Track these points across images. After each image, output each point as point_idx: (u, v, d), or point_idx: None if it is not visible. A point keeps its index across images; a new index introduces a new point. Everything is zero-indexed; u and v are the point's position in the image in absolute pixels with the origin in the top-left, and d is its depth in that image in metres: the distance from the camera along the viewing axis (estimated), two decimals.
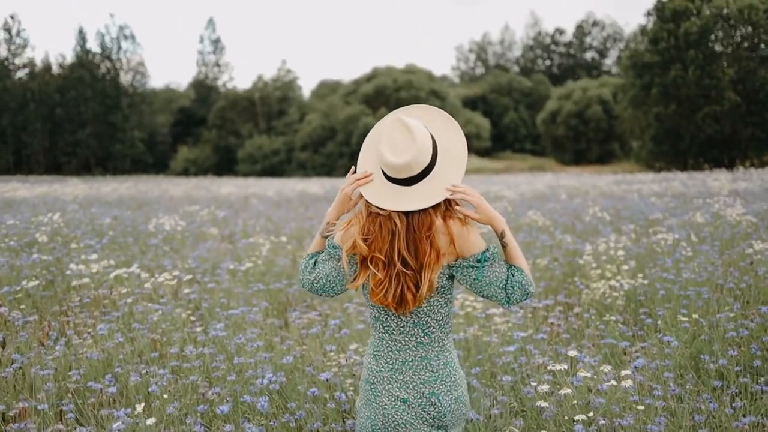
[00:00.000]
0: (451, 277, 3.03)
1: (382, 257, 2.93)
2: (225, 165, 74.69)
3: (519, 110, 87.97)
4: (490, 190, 25.57)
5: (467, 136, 28.01)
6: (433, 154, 2.94)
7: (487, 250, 2.97)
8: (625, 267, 8.18)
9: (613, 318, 6.84)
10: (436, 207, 2.92)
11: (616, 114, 68.33)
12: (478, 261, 2.94)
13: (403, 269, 2.91)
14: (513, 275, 2.97)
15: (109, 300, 7.69)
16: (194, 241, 12.44)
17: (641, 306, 7.55)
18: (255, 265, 9.06)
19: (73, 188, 28.53)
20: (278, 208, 19.09)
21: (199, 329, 6.38)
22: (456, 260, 2.95)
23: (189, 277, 7.71)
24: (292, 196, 23.71)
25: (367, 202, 2.99)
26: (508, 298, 2.97)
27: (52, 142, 77.92)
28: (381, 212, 2.95)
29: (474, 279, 2.96)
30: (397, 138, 2.90)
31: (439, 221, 2.92)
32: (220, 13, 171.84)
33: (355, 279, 3.04)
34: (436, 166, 2.95)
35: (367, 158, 3.07)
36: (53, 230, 11.62)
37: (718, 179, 27.89)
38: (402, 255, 2.91)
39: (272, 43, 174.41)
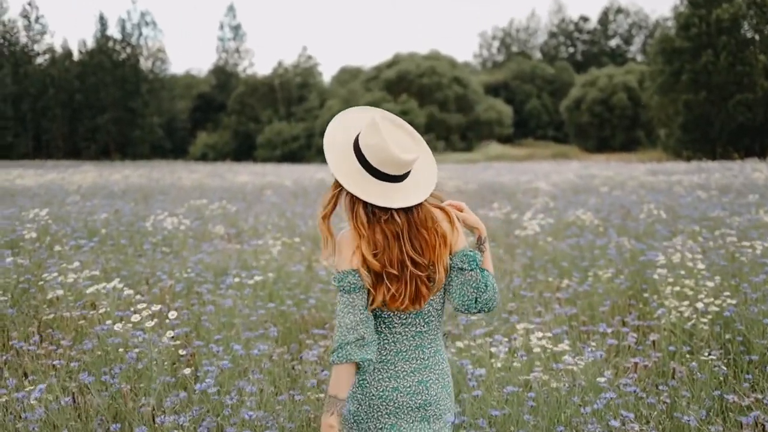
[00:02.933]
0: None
1: (395, 270, 2.90)
2: (244, 150, 73.91)
3: (542, 97, 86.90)
4: (519, 180, 24.12)
5: (489, 122, 26.98)
6: None
7: (473, 252, 3.01)
8: (710, 284, 6.73)
9: (705, 354, 5.45)
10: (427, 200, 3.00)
11: (643, 101, 67.05)
12: (473, 261, 2.98)
13: (415, 271, 2.90)
14: (487, 278, 3.01)
15: (85, 321, 6.35)
16: (198, 241, 11.03)
17: (735, 332, 6.14)
18: (264, 276, 7.65)
19: (82, 176, 27.12)
20: (294, 200, 17.62)
21: (188, 371, 5.02)
22: (451, 255, 3.00)
23: (179, 303, 6.31)
24: (310, 187, 22.22)
25: (365, 209, 2.92)
26: (476, 299, 2.99)
27: (71, 128, 77.92)
28: (383, 215, 2.91)
29: (463, 280, 2.99)
30: (400, 136, 2.93)
31: (437, 212, 3.00)
32: None
33: (373, 300, 2.92)
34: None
35: (341, 163, 2.96)
36: (41, 227, 10.26)
37: (758, 169, 26.29)
38: (411, 257, 2.91)
39: (293, 29, 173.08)
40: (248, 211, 15.01)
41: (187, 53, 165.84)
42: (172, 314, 5.20)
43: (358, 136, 2.98)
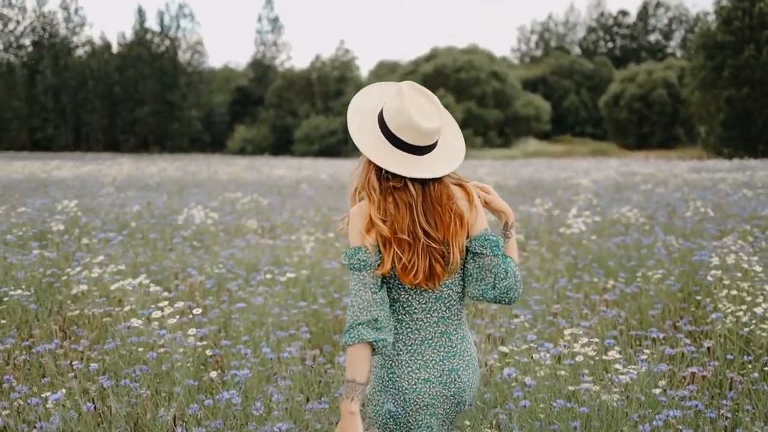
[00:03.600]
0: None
1: (406, 236, 2.80)
2: (282, 145, 73.93)
3: (580, 93, 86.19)
4: (559, 177, 23.65)
5: (527, 118, 26.64)
6: None
7: (495, 236, 2.90)
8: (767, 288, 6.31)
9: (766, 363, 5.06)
10: (447, 177, 2.91)
11: (683, 97, 66.14)
12: (495, 246, 2.87)
13: (428, 242, 2.81)
14: (508, 264, 2.91)
15: (110, 318, 6.08)
16: (230, 235, 10.74)
17: None
18: (297, 274, 7.33)
19: (118, 168, 27.04)
20: (330, 195, 17.31)
21: (214, 374, 4.73)
22: (470, 237, 2.90)
23: (209, 301, 6.01)
24: (347, 181, 21.92)
25: (379, 176, 2.85)
26: (494, 285, 2.88)
27: (110, 120, 78.78)
28: (396, 184, 2.82)
29: (481, 264, 2.89)
30: (423, 104, 2.84)
31: (456, 189, 2.90)
32: None
33: (381, 265, 2.80)
34: (440, 138, 2.92)
35: (365, 125, 2.92)
36: (70, 219, 10.04)
37: None
38: (423, 228, 2.82)
39: (331, 22, 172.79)
40: (283, 205, 14.73)
41: (225, 46, 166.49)
42: (197, 311, 4.89)
43: (384, 105, 2.93)
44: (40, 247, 8.66)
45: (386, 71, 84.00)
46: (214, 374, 4.82)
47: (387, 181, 2.84)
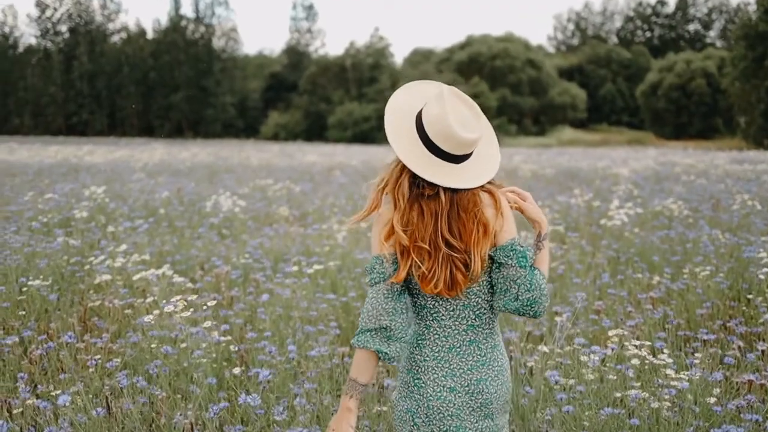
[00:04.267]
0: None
1: (426, 246, 2.74)
2: (315, 131, 73.90)
3: (617, 82, 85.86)
4: (597, 166, 23.18)
5: (562, 106, 26.08)
6: None
7: (523, 247, 2.79)
8: None
9: None
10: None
11: (722, 88, 65.30)
12: (521, 257, 2.77)
13: (449, 252, 2.74)
14: (534, 277, 2.79)
15: (132, 310, 5.83)
16: (259, 223, 10.46)
17: None
18: (326, 265, 7.04)
19: (150, 154, 26.91)
20: (363, 182, 16.94)
21: (237, 371, 4.45)
22: (496, 246, 2.80)
23: (235, 292, 5.72)
24: (380, 167, 21.53)
25: (411, 182, 2.76)
26: (517, 297, 2.78)
27: (145, 106, 79.53)
28: (429, 192, 2.74)
29: (506, 274, 2.78)
30: (464, 112, 2.75)
31: (484, 195, 2.81)
32: None
33: (397, 273, 2.75)
34: (478, 144, 2.83)
35: (400, 132, 2.80)
36: (96, 206, 9.82)
37: None
38: (445, 238, 2.75)
39: (365, 10, 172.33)
40: (315, 192, 14.42)
41: (259, 33, 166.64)
42: (211, 303, 4.62)
43: (423, 108, 2.83)
44: (65, 235, 8.43)
45: (421, 59, 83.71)
46: (237, 371, 4.55)
47: (419, 188, 2.78)
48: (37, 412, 4.11)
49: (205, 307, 5.08)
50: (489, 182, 2.86)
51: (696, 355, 4.76)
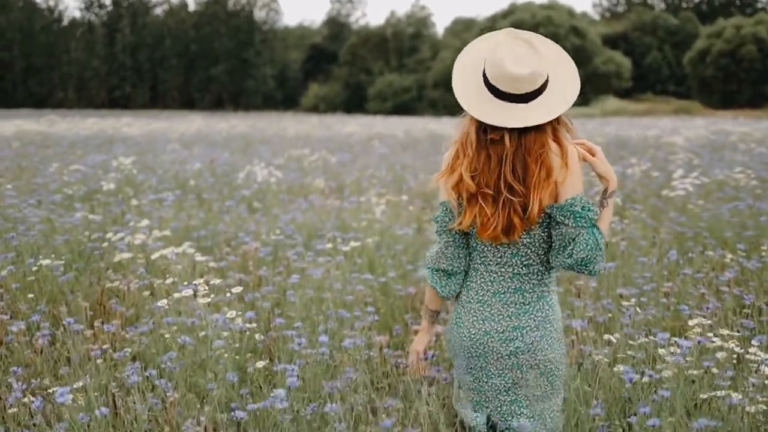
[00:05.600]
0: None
1: (491, 191, 2.78)
2: (355, 102, 73.39)
3: (663, 50, 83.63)
4: (647, 135, 22.29)
5: (606, 75, 25.26)
6: (547, 73, 2.79)
7: (583, 208, 2.77)
8: None
9: None
10: (548, 127, 2.79)
11: None
12: (580, 218, 2.76)
13: (510, 197, 2.77)
14: (593, 235, 2.78)
15: (151, 292, 5.28)
16: (293, 195, 9.85)
17: None
18: (362, 242, 6.41)
19: (187, 125, 26.42)
20: (404, 152, 16.30)
21: (261, 365, 3.88)
22: (554, 203, 2.79)
23: (263, 271, 5.12)
24: (421, 137, 20.87)
25: (479, 129, 2.80)
26: (571, 254, 2.78)
27: (186, 78, 79.81)
28: (494, 136, 2.76)
29: (564, 231, 2.79)
30: (518, 50, 2.74)
31: (553, 144, 2.78)
32: None
33: (462, 219, 2.85)
34: (549, 84, 2.80)
35: (466, 75, 2.85)
36: (124, 178, 9.28)
37: None
38: (508, 182, 2.77)
39: None
40: (353, 163, 13.76)
41: (300, 4, 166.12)
42: (236, 289, 4.03)
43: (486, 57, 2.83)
44: (87, 209, 7.91)
45: (462, 28, 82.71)
46: (261, 365, 3.98)
47: (485, 133, 2.80)
48: (29, 413, 3.58)
49: (228, 293, 4.49)
50: (558, 124, 2.85)
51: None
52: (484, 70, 2.80)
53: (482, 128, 2.80)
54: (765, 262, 6.19)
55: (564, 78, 2.87)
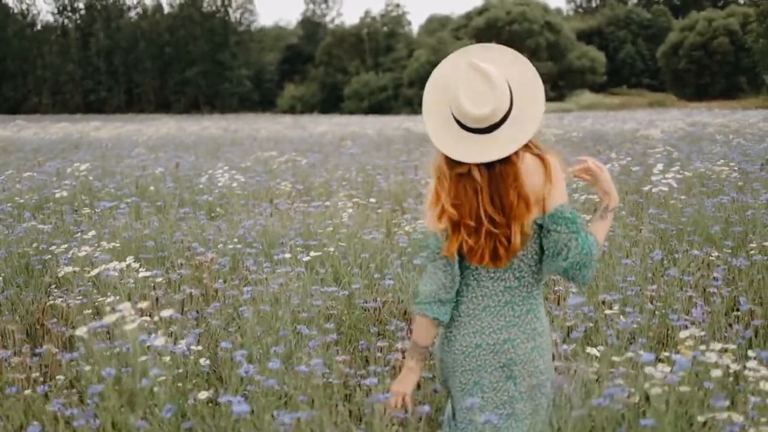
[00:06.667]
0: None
1: (472, 222, 2.81)
2: (332, 102, 73.21)
3: (637, 44, 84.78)
4: (624, 129, 21.99)
5: (581, 70, 24.99)
6: (510, 98, 2.80)
7: (572, 214, 2.83)
8: None
9: None
10: (517, 153, 2.79)
11: (746, 45, 64.05)
12: (570, 223, 2.80)
13: (492, 228, 2.79)
14: (587, 240, 2.83)
15: (95, 310, 4.84)
16: (259, 200, 9.36)
17: None
18: (323, 252, 5.95)
19: (157, 128, 25.83)
20: (377, 152, 15.82)
21: (204, 396, 3.45)
22: (543, 214, 2.84)
23: (219, 284, 4.68)
24: (395, 136, 20.43)
25: (447, 161, 2.84)
26: (566, 258, 2.81)
27: (162, 81, 79.70)
28: (461, 170, 2.80)
29: (557, 238, 2.82)
30: (476, 87, 2.74)
31: (530, 158, 2.81)
32: None
33: (448, 247, 2.85)
34: (513, 109, 2.81)
35: (435, 106, 2.88)
36: (80, 184, 8.80)
37: None
38: (488, 214, 2.79)
39: None
40: (323, 164, 13.26)
41: (276, 5, 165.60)
42: (165, 313, 3.60)
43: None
44: (36, 219, 7.42)
45: (437, 26, 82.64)
46: (204, 395, 3.55)
47: (452, 168, 2.83)
48: None
49: (172, 312, 4.05)
50: (532, 146, 2.84)
51: None
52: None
53: (450, 159, 2.83)
54: (753, 261, 5.82)
55: (528, 101, 2.84)
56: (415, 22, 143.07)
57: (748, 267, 5.81)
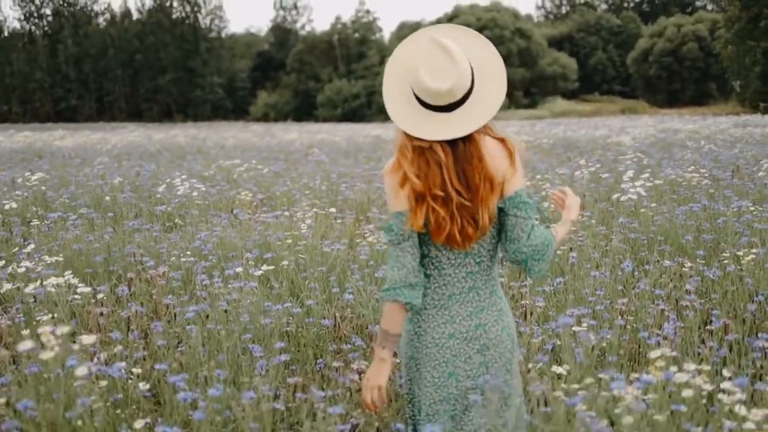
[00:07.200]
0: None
1: (440, 192, 2.74)
2: (305, 110, 73.06)
3: (608, 50, 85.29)
4: (595, 136, 21.90)
5: (553, 77, 25.06)
6: (472, 77, 2.76)
7: (530, 200, 2.84)
8: None
9: None
10: (481, 132, 2.79)
11: (715, 51, 64.94)
12: (530, 208, 2.82)
13: (462, 201, 2.75)
14: (544, 231, 2.87)
15: (33, 330, 4.53)
16: (218, 210, 9.05)
17: None
18: (285, 260, 5.66)
19: (123, 136, 25.37)
20: (345, 160, 15.52)
21: (141, 425, 3.17)
22: (502, 197, 2.82)
23: (169, 299, 4.37)
24: (364, 144, 20.15)
25: (408, 135, 2.77)
26: (528, 243, 2.81)
27: (133, 89, 78.74)
28: (422, 144, 2.74)
29: (515, 222, 2.82)
30: (437, 62, 2.70)
31: (490, 141, 2.81)
32: None
33: (414, 220, 2.76)
34: (475, 87, 2.77)
35: (395, 83, 2.83)
36: (31, 195, 8.45)
37: None
38: (455, 188, 2.74)
39: None
40: (288, 172, 12.92)
41: (246, 11, 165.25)
42: (88, 338, 3.31)
43: None
44: None
45: (409, 32, 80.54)
46: (140, 424, 3.27)
47: (412, 141, 2.77)
48: None
49: (113, 332, 3.77)
50: (489, 130, 2.84)
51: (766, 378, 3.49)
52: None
53: (409, 135, 2.78)
54: (727, 271, 5.61)
55: (490, 80, 2.81)
56: (387, 28, 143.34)
57: (722, 278, 5.61)
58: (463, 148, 2.74)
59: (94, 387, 3.47)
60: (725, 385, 3.19)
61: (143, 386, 3.70)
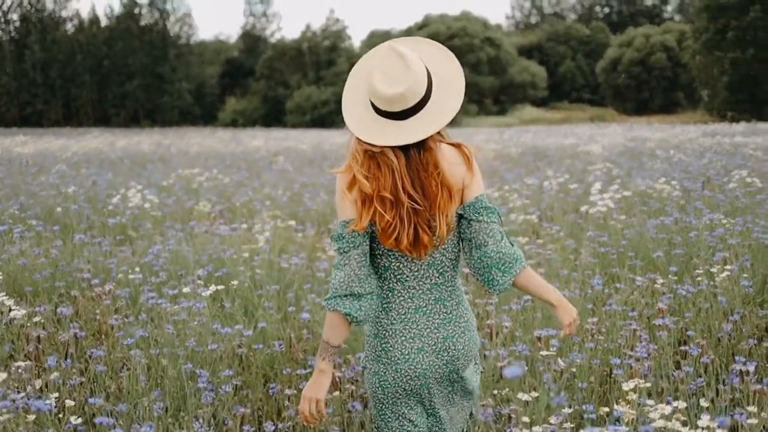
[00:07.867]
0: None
1: (389, 195, 2.70)
2: (274, 116, 72.80)
3: (577, 59, 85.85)
4: (564, 144, 21.77)
5: (522, 85, 25.01)
6: (428, 85, 2.74)
7: (492, 205, 2.82)
8: None
9: None
10: (436, 140, 2.75)
11: (683, 61, 65.78)
12: (492, 213, 2.78)
13: (414, 205, 2.71)
14: (509, 241, 2.83)
15: None
16: (174, 222, 8.70)
17: None
18: (227, 285, 5.31)
19: (85, 143, 24.82)
20: (309, 168, 15.20)
21: None
22: (462, 204, 2.79)
23: (114, 320, 4.05)
24: (331, 152, 19.84)
25: (358, 140, 2.76)
26: (495, 249, 2.76)
27: (100, 95, 78.14)
28: (374, 149, 2.71)
29: (478, 228, 2.77)
30: (390, 67, 2.70)
31: (446, 148, 2.77)
32: None
33: (358, 221, 2.73)
34: (432, 97, 2.75)
35: (354, 90, 2.84)
36: None
37: None
38: (408, 192, 2.71)
39: None
40: (250, 182, 12.56)
41: (215, 18, 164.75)
42: (15, 366, 3.03)
43: None
44: None
45: (378, 40, 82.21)
46: None
47: (363, 145, 2.72)
48: None
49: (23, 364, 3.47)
50: (444, 136, 2.80)
51: (748, 409, 3.25)
52: None
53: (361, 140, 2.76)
54: (700, 288, 5.39)
55: (447, 93, 2.76)
56: (357, 37, 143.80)
57: (695, 294, 5.39)
58: (416, 155, 2.71)
59: (20, 421, 3.19)
60: (703, 421, 2.95)
61: (75, 420, 3.40)
